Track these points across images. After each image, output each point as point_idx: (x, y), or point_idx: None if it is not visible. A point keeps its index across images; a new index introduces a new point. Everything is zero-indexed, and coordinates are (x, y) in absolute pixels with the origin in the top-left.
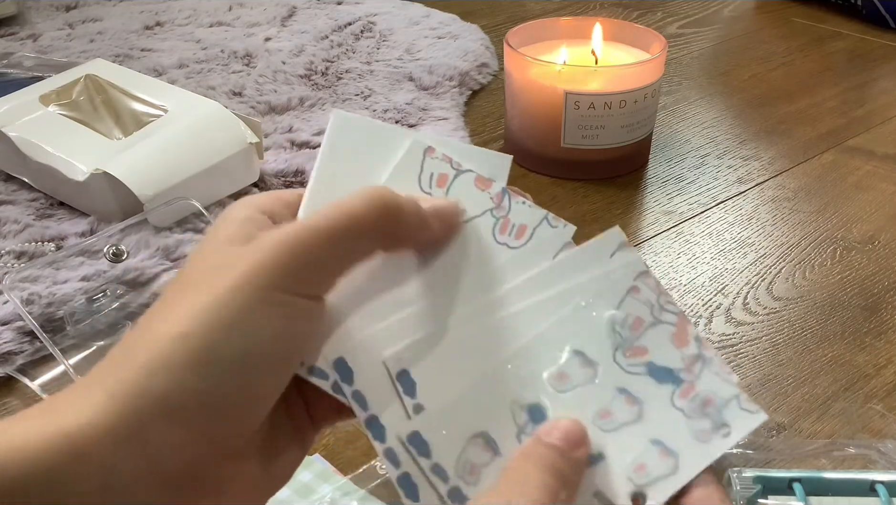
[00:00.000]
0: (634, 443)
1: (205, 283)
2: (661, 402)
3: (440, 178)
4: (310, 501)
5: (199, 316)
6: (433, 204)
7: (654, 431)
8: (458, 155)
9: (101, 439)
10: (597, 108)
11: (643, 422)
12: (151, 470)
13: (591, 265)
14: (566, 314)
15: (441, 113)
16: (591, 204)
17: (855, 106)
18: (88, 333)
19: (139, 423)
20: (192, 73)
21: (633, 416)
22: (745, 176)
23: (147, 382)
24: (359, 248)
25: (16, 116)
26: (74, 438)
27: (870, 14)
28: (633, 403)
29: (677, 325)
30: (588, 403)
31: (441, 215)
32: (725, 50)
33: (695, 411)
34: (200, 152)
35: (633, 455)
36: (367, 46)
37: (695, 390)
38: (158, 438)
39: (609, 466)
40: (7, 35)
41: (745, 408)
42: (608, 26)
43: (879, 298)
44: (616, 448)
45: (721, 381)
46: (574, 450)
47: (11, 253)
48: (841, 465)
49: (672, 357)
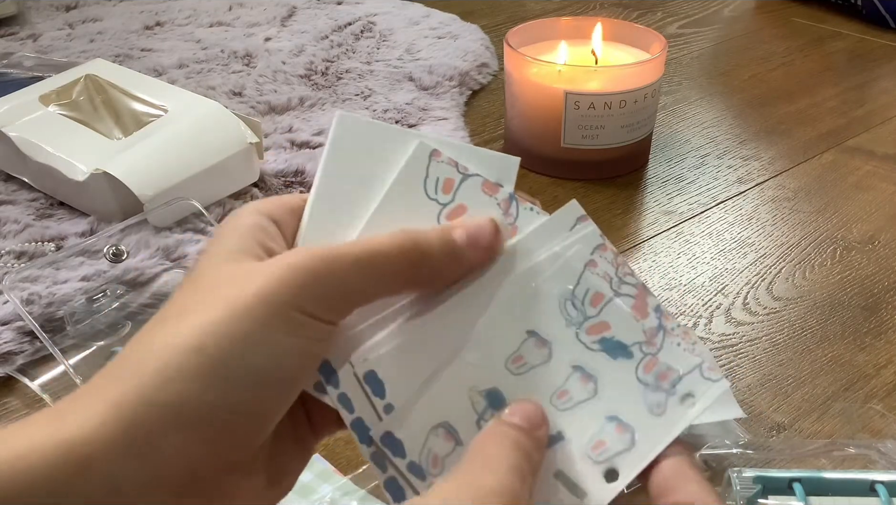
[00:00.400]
0: (591, 420)
1: (219, 295)
2: (617, 377)
3: (446, 184)
4: (310, 501)
5: (214, 329)
6: (468, 231)
7: (609, 406)
8: (466, 157)
9: (106, 448)
10: (597, 108)
11: (599, 399)
12: (158, 480)
13: (549, 242)
14: (521, 295)
15: (441, 113)
16: (591, 204)
17: (855, 106)
18: (88, 333)
19: (147, 432)
20: (192, 73)
21: (589, 393)
22: (745, 176)
23: (157, 392)
24: (382, 284)
25: (16, 116)
26: (78, 448)
27: (870, 14)
28: (589, 380)
29: (636, 297)
30: (544, 384)
31: (476, 244)
32: (725, 50)
33: (657, 383)
34: (200, 152)
35: (590, 433)
36: (367, 46)
37: (658, 361)
38: (167, 448)
39: (568, 446)
40: (7, 35)
41: (707, 377)
42: (608, 26)
43: (879, 298)
44: (574, 427)
45: (682, 351)
46: (535, 429)
47: (11, 253)
48: (841, 465)
49: (633, 330)
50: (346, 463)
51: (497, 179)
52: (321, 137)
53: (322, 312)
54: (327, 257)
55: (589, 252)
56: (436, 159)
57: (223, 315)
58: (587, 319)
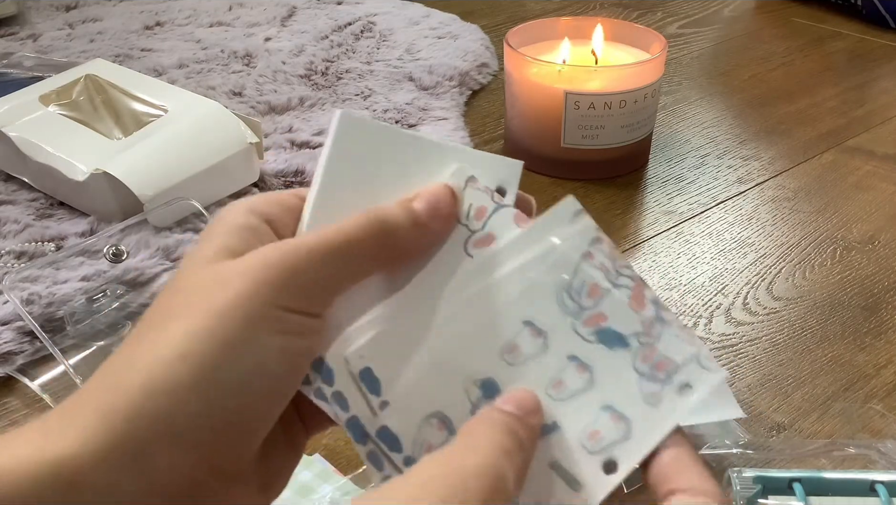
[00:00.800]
0: (586, 410)
1: (202, 299)
2: (613, 367)
3: (479, 211)
4: (310, 500)
5: (197, 337)
6: (428, 202)
7: (605, 396)
8: (469, 161)
9: (97, 463)
10: (597, 108)
11: (594, 389)
12: (150, 492)
13: (547, 236)
14: (517, 286)
15: (441, 113)
16: (591, 204)
17: (855, 106)
18: (88, 333)
19: (137, 445)
20: (192, 73)
21: (585, 383)
22: (745, 176)
23: (145, 405)
24: (357, 268)
25: (16, 116)
26: (67, 464)
27: (870, 14)
28: (584, 370)
29: (634, 288)
30: (540, 374)
31: (438, 213)
32: (725, 50)
33: (653, 373)
34: (200, 152)
35: (585, 422)
36: (367, 46)
37: (655, 352)
38: (158, 461)
39: (564, 436)
40: (7, 35)
41: (704, 366)
42: (608, 26)
43: (879, 298)
44: (570, 417)
45: (681, 341)
46: (528, 416)
47: (11, 253)
48: (841, 465)
49: (631, 321)
50: (346, 463)
51: (501, 182)
52: (321, 137)
53: (304, 306)
54: (301, 250)
55: (586, 244)
56: (472, 185)
57: (205, 321)
58: (584, 311)
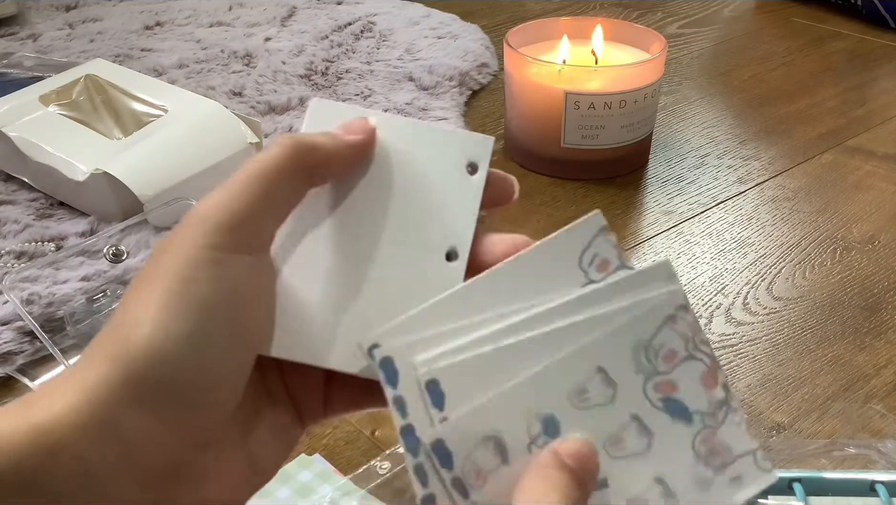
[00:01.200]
0: (640, 477)
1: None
2: (673, 440)
3: (602, 264)
4: (310, 500)
5: (153, 300)
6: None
7: (659, 467)
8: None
9: (74, 432)
10: (597, 108)
11: (651, 457)
12: (127, 460)
13: (634, 290)
14: (600, 335)
15: (441, 113)
16: (591, 204)
17: (855, 106)
18: (88, 333)
19: (110, 413)
20: (192, 73)
21: (643, 448)
22: (745, 176)
23: (113, 373)
24: (284, 189)
25: (16, 116)
26: (47, 432)
27: (870, 14)
28: (645, 434)
29: (709, 365)
30: (602, 425)
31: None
32: (725, 50)
33: (709, 458)
34: (200, 152)
35: (636, 489)
36: (367, 46)
37: (715, 437)
38: (130, 428)
39: (611, 497)
40: (7, 35)
41: (760, 466)
42: (608, 26)
43: (879, 298)
44: (621, 479)
45: (742, 432)
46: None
47: (11, 253)
48: (841, 465)
49: (699, 398)
50: (346, 463)
51: (473, 158)
52: None
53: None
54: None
55: (672, 308)
56: (603, 235)
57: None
58: (658, 374)
